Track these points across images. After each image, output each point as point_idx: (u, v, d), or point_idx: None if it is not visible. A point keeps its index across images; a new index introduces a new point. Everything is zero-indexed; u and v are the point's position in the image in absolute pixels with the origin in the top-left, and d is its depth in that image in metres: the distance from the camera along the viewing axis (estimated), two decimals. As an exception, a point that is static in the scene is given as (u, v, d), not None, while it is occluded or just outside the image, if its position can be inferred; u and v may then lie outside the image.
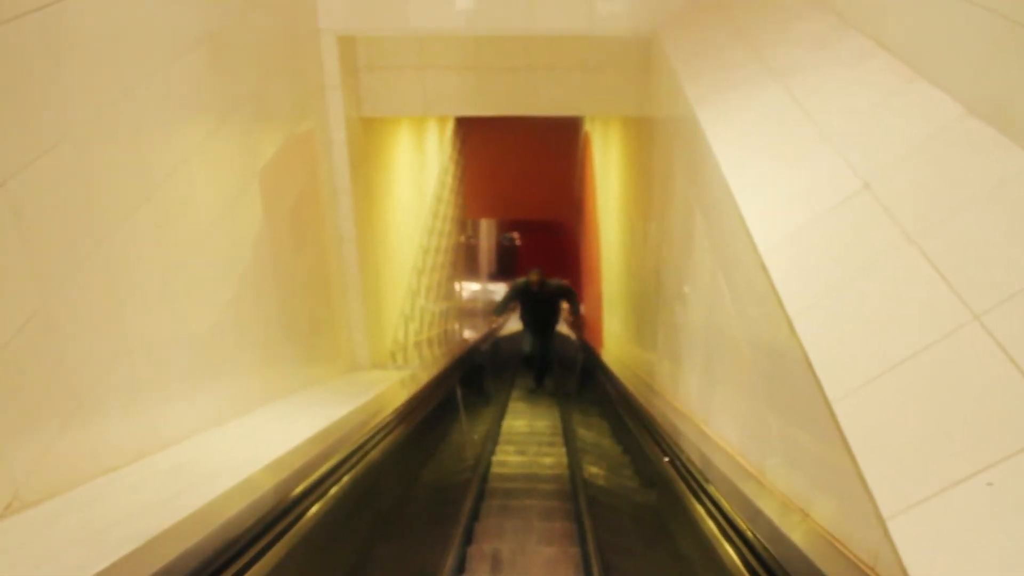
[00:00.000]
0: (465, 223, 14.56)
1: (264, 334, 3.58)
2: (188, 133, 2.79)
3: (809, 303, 1.87)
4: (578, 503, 4.06)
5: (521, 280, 8.73)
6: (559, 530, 3.82)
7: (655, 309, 4.50)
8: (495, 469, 5.15)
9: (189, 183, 2.78)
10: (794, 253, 2.05)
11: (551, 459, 5.57)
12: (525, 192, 13.79)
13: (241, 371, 3.31)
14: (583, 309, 9.05)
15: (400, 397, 3.92)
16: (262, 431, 3.01)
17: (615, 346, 7.04)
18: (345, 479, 2.64)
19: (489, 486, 4.67)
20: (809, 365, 1.72)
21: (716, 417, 2.82)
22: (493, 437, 6.36)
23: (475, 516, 4.00)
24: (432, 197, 9.64)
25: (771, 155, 2.48)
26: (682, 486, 2.72)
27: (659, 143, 4.42)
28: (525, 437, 6.66)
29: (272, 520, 1.98)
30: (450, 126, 11.02)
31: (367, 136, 5.60)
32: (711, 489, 2.36)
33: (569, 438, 6.02)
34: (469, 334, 13.29)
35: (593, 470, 4.88)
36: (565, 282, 8.61)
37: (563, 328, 9.34)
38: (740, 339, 2.45)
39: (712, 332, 2.90)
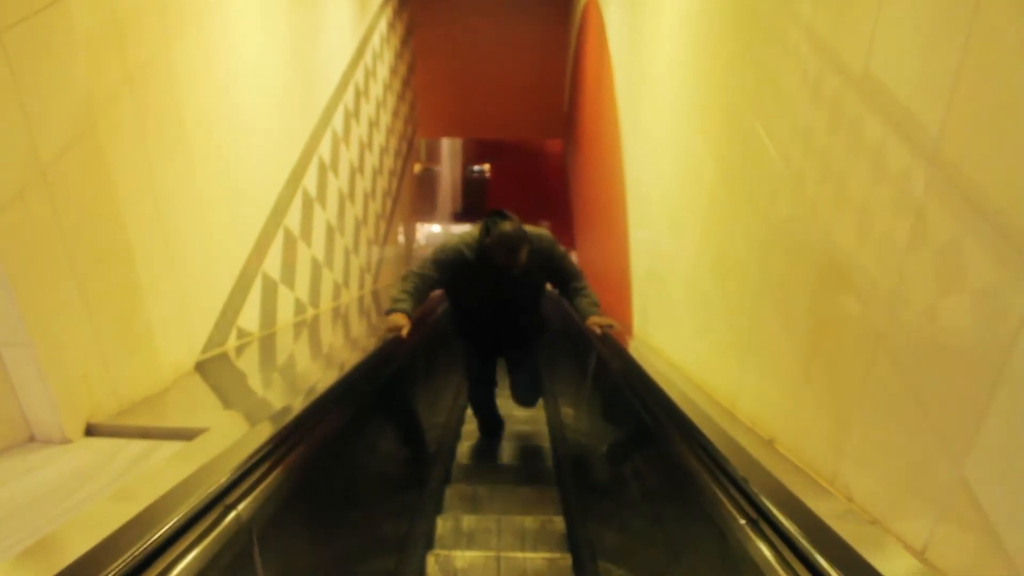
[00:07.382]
0: (417, 145, 10.99)
1: None
2: None
3: None
4: None
5: (459, 242, 3.38)
6: None
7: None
8: None
9: None
10: None
11: None
12: (496, 104, 10.23)
13: None
14: (586, 281, 3.48)
15: None
16: None
17: (682, 359, 3.17)
18: None
19: None
20: None
21: None
22: None
23: None
24: (345, 86, 6.05)
25: None
26: None
27: None
28: None
29: None
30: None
31: None
32: None
33: None
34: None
35: None
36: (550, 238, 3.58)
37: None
38: None
39: None
